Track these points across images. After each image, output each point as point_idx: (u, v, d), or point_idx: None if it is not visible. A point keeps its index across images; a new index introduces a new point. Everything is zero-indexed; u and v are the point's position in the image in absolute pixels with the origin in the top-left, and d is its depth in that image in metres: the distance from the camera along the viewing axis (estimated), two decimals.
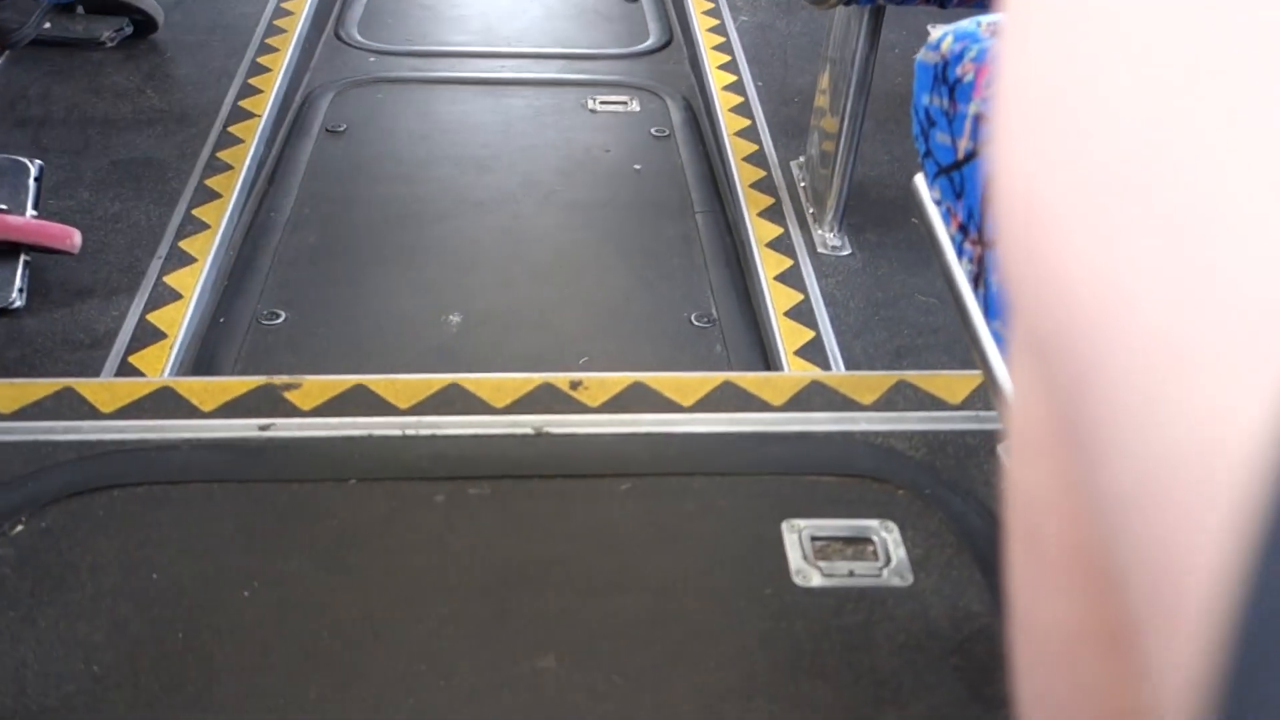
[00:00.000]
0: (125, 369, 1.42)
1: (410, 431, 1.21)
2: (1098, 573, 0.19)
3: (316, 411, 1.23)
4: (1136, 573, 0.17)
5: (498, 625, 1.03)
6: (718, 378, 1.32)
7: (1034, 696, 0.22)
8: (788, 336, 1.60)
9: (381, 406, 1.24)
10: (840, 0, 1.63)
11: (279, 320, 1.60)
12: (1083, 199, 0.18)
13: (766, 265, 1.75)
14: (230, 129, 1.95)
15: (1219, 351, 0.15)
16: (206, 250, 1.66)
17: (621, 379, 1.30)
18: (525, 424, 1.23)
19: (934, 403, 1.29)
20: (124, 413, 1.21)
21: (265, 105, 2.03)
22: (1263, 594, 0.14)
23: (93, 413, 1.21)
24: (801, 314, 1.64)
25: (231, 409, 1.23)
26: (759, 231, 1.83)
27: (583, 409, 1.26)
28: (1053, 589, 0.21)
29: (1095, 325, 0.17)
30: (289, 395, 1.25)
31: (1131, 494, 0.17)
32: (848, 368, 1.54)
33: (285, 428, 1.21)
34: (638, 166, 2.05)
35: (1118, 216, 0.17)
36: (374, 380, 1.28)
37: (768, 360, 1.60)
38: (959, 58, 1.04)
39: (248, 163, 1.87)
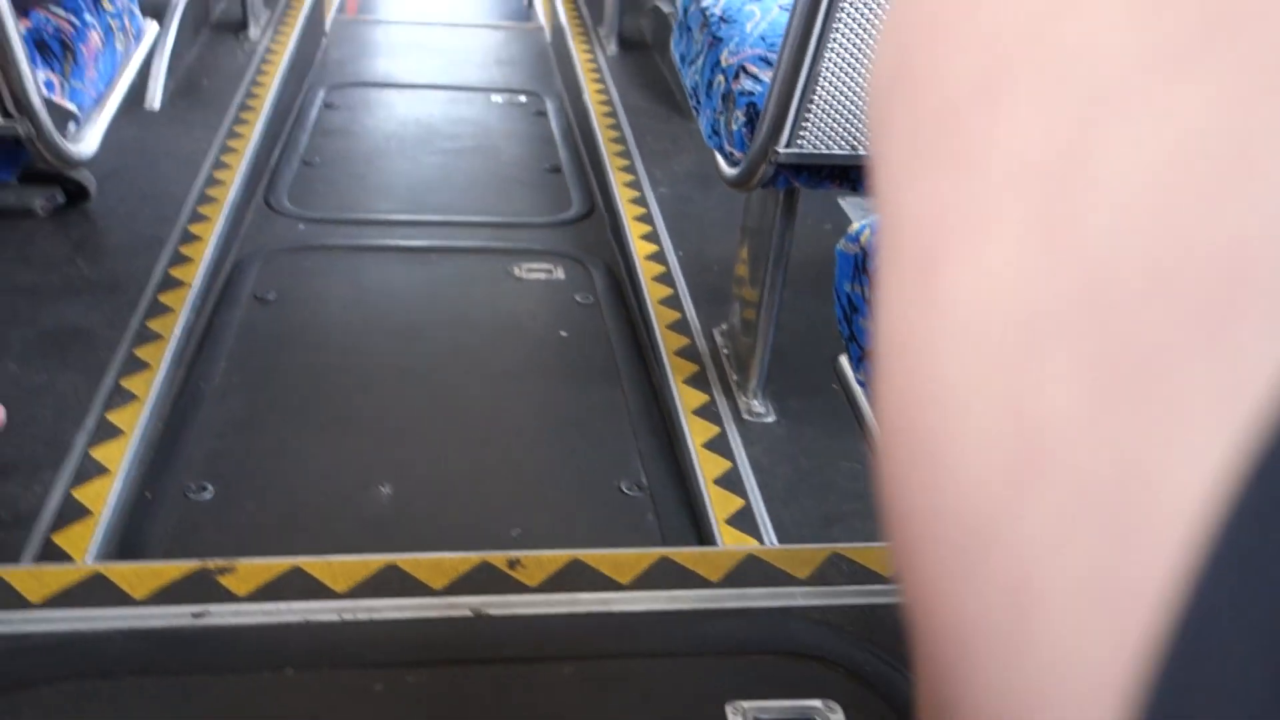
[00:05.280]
0: (49, 549, 1.39)
1: (347, 616, 1.20)
2: None
3: (251, 596, 1.22)
4: None
5: None
6: (654, 554, 1.34)
7: None
8: (718, 504, 1.63)
9: (318, 590, 1.23)
10: (758, 184, 1.72)
11: (207, 494, 1.58)
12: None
13: (694, 432, 1.79)
14: (160, 297, 1.95)
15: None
16: (134, 422, 1.64)
17: (559, 556, 1.31)
18: (464, 605, 1.22)
19: (867, 575, 1.32)
20: (53, 601, 1.18)
21: (195, 273, 2.04)
22: None
23: (20, 602, 1.18)
24: (730, 482, 1.68)
25: (164, 595, 1.20)
26: (685, 399, 1.87)
27: (521, 588, 1.26)
28: None
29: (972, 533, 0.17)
30: (223, 580, 1.23)
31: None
32: (778, 534, 1.57)
33: (220, 615, 1.19)
34: (564, 333, 2.09)
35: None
36: (310, 562, 1.27)
37: (699, 528, 1.63)
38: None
39: (177, 332, 1.87)
